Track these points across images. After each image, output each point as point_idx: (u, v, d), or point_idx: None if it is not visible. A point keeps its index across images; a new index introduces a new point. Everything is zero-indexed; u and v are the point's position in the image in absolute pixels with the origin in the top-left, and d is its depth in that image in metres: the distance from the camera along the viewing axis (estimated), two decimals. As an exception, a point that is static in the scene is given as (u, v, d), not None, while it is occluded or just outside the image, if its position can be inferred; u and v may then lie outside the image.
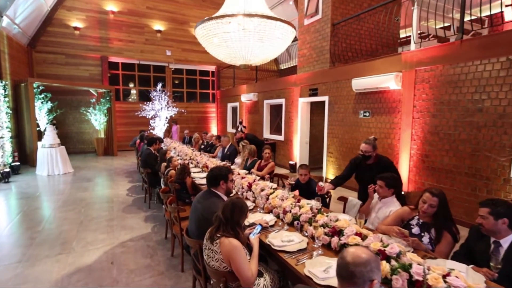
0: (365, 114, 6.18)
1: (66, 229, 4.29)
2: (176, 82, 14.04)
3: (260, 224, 2.11)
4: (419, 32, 5.36)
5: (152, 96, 11.92)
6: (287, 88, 8.79)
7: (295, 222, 2.44)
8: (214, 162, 4.91)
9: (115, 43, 12.30)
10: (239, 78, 13.37)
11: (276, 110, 9.88)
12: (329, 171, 7.19)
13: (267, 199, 2.94)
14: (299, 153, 8.41)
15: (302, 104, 8.23)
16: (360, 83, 6.00)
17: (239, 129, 9.69)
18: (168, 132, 12.78)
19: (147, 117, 11.85)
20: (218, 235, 1.86)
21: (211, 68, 14.56)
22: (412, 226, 2.37)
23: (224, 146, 6.15)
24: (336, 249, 2.03)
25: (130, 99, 13.10)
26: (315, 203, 2.53)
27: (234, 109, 13.00)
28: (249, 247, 1.98)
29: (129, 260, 3.39)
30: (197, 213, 2.37)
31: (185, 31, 13.59)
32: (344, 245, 1.97)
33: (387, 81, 5.41)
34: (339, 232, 2.08)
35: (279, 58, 14.73)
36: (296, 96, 8.38)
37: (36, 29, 10.87)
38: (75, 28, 11.53)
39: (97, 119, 11.32)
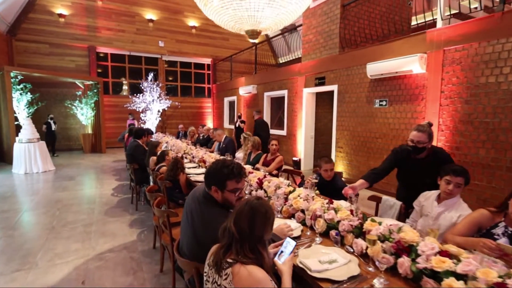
0: (381, 103, 5.51)
1: (32, 236, 3.53)
2: (170, 78, 13.23)
3: (290, 238, 1.37)
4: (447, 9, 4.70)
5: (143, 87, 11.09)
6: (290, 78, 8.10)
7: (332, 232, 1.73)
8: (212, 156, 4.18)
9: (103, 33, 11.47)
10: (236, 71, 12.63)
11: (277, 103, 9.18)
12: (339, 168, 6.51)
13: (286, 199, 2.23)
14: (303, 148, 7.73)
15: (307, 95, 7.54)
16: (376, 68, 5.33)
17: (237, 124, 8.98)
18: (160, 128, 12.00)
19: (137, 109, 10.99)
20: (229, 260, 1.15)
21: (207, 60, 13.80)
22: (496, 237, 1.69)
23: (219, 140, 5.42)
24: (408, 276, 1.33)
25: (120, 93, 12.26)
26: (354, 206, 1.84)
27: (232, 104, 12.27)
28: (276, 277, 1.25)
29: (106, 278, 2.65)
30: (193, 224, 1.60)
31: (179, 21, 12.81)
32: (423, 272, 1.27)
33: (410, 63, 4.75)
34: (408, 250, 1.39)
35: (278, 51, 14.06)
36: (300, 86, 7.69)
37: (17, 15, 10.00)
38: (60, 15, 10.67)
39: (83, 114, 10.49)
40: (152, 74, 11.31)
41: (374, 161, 5.69)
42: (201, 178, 3.41)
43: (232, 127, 10.29)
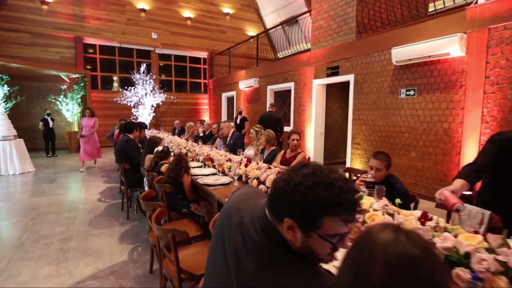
0: (408, 93, 4.86)
1: (-8, 257, 2.74)
2: (163, 75, 12.39)
3: None
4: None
5: (134, 80, 10.24)
6: (298, 69, 7.41)
7: (462, 273, 1.02)
8: (221, 153, 3.45)
9: (91, 22, 10.58)
10: (233, 66, 11.86)
11: (282, 97, 8.48)
12: (356, 167, 5.84)
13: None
14: (313, 146, 7.04)
15: (317, 87, 6.86)
16: (404, 53, 4.67)
17: (237, 121, 8.27)
18: (153, 125, 11.17)
19: (128, 104, 10.12)
20: None
21: (203, 54, 13.01)
22: None
23: (225, 134, 4.68)
24: None
25: (110, 88, 11.38)
26: (482, 228, 1.14)
27: (230, 99, 11.53)
28: None
29: (85, 321, 1.90)
30: (238, 277, 0.78)
31: (173, 11, 12.00)
32: None
33: (448, 46, 4.09)
34: None
35: (277, 45, 13.35)
36: (309, 77, 7.00)
37: (-7, 1, 9.06)
38: (43, 2, 9.76)
39: (69, 110, 9.60)
40: (144, 65, 10.44)
41: (399, 158, 5.04)
42: (211, 180, 2.69)
43: (232, 124, 9.56)
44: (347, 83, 6.50)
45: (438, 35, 4.27)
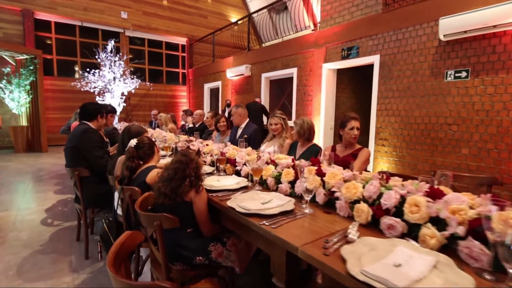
0: (458, 74, 3.88)
1: None
2: (135, 61, 10.63)
3: None
4: None
5: (99, 60, 8.51)
6: (302, 52, 6.27)
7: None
8: (250, 151, 2.15)
9: (44, -7, 8.69)
10: (217, 56, 10.44)
11: (279, 86, 7.31)
12: (382, 167, 4.82)
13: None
14: (322, 143, 5.94)
15: (328, 73, 5.77)
16: (457, 23, 3.68)
17: (225, 113, 6.99)
18: (123, 120, 9.48)
19: (92, 90, 8.33)
20: None
21: (181, 40, 11.48)
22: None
23: (238, 124, 3.38)
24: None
25: (70, 75, 9.49)
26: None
27: (214, 91, 10.15)
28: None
29: None
30: None
31: (146, -12, 10.36)
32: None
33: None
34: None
35: (263, 35, 12.14)
36: (317, 61, 5.89)
37: None
38: (-22, -36, 7.76)
39: (14, 99, 7.71)
40: (112, 42, 8.71)
41: (443, 157, 4.06)
42: (249, 201, 1.41)
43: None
44: (360, 69, 5.51)
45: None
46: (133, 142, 1.85)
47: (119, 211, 1.87)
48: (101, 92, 8.49)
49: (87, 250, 2.32)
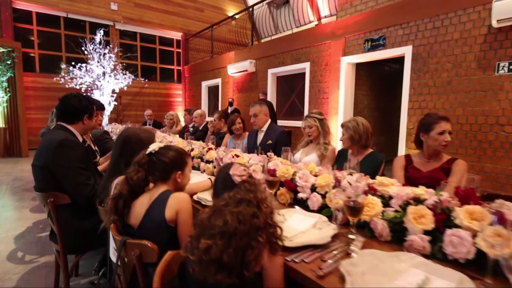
0: (514, 67, 3.32)
1: None
2: (126, 57, 9.79)
3: None
4: None
5: (86, 53, 7.69)
6: (316, 44, 5.64)
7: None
8: (293, 164, 1.49)
9: (24, -19, 7.82)
10: (215, 52, 9.70)
11: (288, 83, 6.66)
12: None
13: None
14: (339, 147, 5.31)
15: (347, 68, 5.16)
16: (516, 5, 3.11)
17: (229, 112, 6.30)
18: (114, 121, 8.67)
19: (78, 87, 7.48)
20: None
21: (176, 35, 10.73)
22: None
23: (260, 126, 2.70)
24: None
25: (53, 71, 8.60)
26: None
27: (213, 89, 9.45)
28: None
29: None
30: None
31: (138, -23, 9.57)
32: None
33: None
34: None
35: (260, 31, 11.47)
36: (335, 55, 5.27)
37: None
38: None
39: (-11, 97, 6.85)
40: (101, 31, 7.89)
41: (493, 162, 3.50)
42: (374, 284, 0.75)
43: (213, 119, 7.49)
44: (379, 63, 4.95)
45: None
46: (154, 146, 1.18)
47: (113, 258, 1.19)
48: (89, 89, 7.66)
49: (69, 308, 1.62)
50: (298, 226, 1.04)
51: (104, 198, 1.39)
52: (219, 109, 8.81)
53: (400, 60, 4.50)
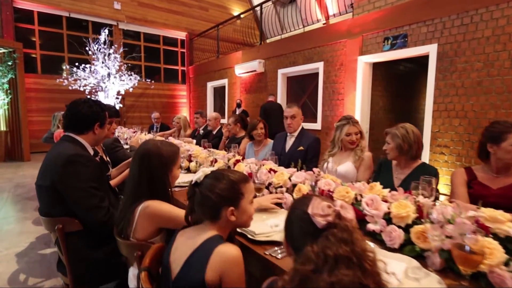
0: (555, 66, 3.07)
1: None
2: (130, 57, 9.54)
3: None
4: None
5: (90, 53, 7.46)
6: (330, 43, 5.39)
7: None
8: (353, 185, 1.25)
9: (25, -21, 7.60)
10: (220, 52, 9.45)
11: (299, 84, 6.42)
12: (441, 179, 3.97)
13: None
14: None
15: (365, 68, 4.91)
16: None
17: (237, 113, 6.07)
18: (118, 123, 8.43)
19: (82, 89, 7.25)
20: None
21: (181, 35, 10.50)
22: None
23: (295, 129, 2.46)
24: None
25: (56, 72, 8.37)
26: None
27: (219, 90, 9.21)
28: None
29: None
30: None
31: (142, -24, 9.34)
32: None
33: None
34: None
35: (266, 31, 11.22)
36: (351, 54, 5.03)
37: None
38: None
39: (-10, 100, 6.63)
40: (106, 31, 7.67)
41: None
42: None
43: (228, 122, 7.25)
44: (394, 62, 4.71)
45: None
46: (199, 175, 0.95)
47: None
48: (93, 90, 7.42)
49: None
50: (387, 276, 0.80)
51: (124, 227, 1.14)
52: (226, 110, 8.57)
53: (416, 60, 4.26)
